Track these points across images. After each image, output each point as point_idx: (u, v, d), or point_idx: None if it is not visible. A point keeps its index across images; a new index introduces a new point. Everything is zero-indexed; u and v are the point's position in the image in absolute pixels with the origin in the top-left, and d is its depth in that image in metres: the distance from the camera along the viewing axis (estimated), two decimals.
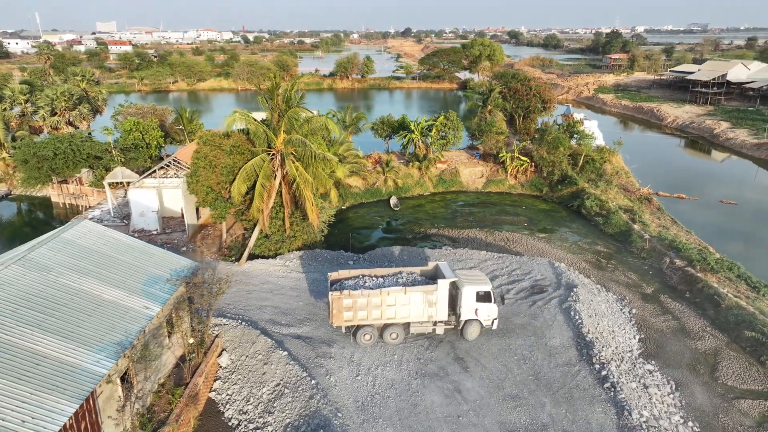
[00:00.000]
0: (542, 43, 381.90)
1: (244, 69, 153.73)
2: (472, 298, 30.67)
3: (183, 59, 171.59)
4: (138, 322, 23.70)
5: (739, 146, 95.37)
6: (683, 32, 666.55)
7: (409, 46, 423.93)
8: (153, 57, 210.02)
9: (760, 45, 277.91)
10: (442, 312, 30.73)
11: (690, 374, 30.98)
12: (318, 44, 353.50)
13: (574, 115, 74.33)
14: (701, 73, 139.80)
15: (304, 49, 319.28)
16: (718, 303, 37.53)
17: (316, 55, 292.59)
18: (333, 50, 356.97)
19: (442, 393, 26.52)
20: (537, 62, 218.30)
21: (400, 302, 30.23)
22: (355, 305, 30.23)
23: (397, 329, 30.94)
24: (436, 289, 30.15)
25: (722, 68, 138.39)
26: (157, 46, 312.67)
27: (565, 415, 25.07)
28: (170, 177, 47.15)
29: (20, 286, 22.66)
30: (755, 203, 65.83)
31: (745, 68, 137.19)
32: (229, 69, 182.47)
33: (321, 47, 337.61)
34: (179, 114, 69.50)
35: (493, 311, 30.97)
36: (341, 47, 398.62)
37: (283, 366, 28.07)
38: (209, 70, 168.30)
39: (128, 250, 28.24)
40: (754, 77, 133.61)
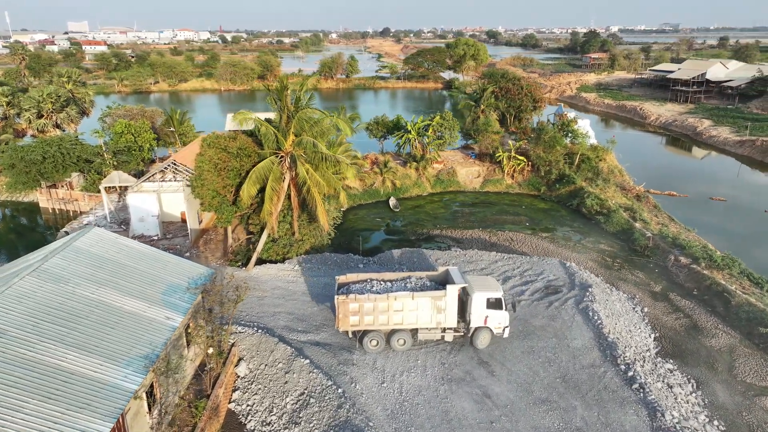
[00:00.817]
0: (521, 43, 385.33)
1: (227, 69, 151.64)
2: (482, 304, 29.76)
3: (164, 59, 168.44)
4: (162, 333, 22.77)
5: (722, 144, 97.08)
6: (656, 32, 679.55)
7: (389, 46, 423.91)
8: (130, 57, 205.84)
9: (732, 44, 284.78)
10: (451, 319, 29.87)
11: (709, 372, 31.10)
12: (298, 44, 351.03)
13: (567, 114, 74.67)
14: (681, 72, 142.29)
15: (284, 49, 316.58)
16: (728, 300, 37.87)
17: (297, 55, 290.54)
18: (313, 50, 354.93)
19: (472, 399, 26.10)
20: (518, 62, 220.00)
21: (408, 308, 29.50)
22: (362, 309, 29.59)
23: (405, 335, 30.11)
24: (445, 294, 29.35)
25: (701, 67, 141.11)
26: (134, 46, 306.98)
27: (598, 418, 24.87)
28: (169, 180, 45.83)
29: (38, 298, 21.57)
30: (743, 199, 66.74)
31: (723, 67, 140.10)
32: (210, 69, 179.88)
33: (301, 47, 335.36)
34: (169, 115, 67.93)
35: (504, 319, 29.96)
36: (321, 47, 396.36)
37: (306, 374, 27.34)
38: (191, 71, 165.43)
39: (142, 257, 27.21)
40: (731, 76, 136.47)
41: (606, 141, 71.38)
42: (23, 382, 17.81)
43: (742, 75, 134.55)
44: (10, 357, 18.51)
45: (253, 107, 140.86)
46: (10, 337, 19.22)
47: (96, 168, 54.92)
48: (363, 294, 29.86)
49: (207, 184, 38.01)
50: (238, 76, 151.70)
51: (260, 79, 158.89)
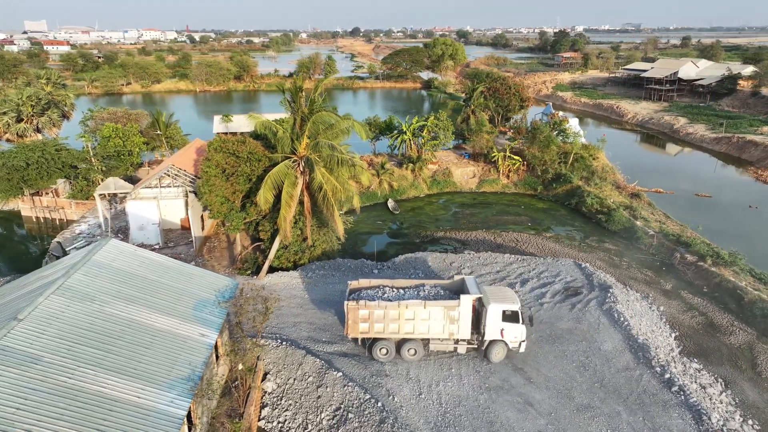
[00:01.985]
0: (491, 43, 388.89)
1: (203, 70, 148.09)
2: (498, 317, 28.39)
3: (136, 60, 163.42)
4: (199, 352, 21.45)
5: (699, 141, 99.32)
6: (619, 32, 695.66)
7: (361, 46, 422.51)
8: (97, 58, 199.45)
9: (694, 44, 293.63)
10: (465, 330, 28.79)
11: (734, 371, 31.27)
12: (269, 44, 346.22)
13: (558, 113, 75.12)
14: (654, 71, 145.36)
15: (255, 49, 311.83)
16: (741, 297, 38.31)
17: (269, 55, 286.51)
18: (284, 50, 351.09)
19: (514, 407, 25.50)
20: (492, 61, 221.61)
21: (420, 317, 28.55)
22: (372, 317, 28.69)
23: (416, 345, 29.05)
24: (459, 305, 28.35)
25: (673, 66, 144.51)
26: (99, 46, 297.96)
27: (644, 423, 24.58)
28: (167, 186, 43.94)
29: (67, 319, 20.01)
30: (727, 195, 68.01)
31: (694, 66, 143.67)
32: (182, 70, 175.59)
33: (272, 47, 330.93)
34: (155, 118, 65.51)
35: (520, 333, 28.56)
36: (291, 47, 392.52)
37: (341, 388, 26.29)
38: (165, 72, 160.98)
39: (166, 270, 25.74)
40: (702, 74, 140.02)
41: (596, 140, 72.03)
42: (67, 414, 16.36)
43: (712, 74, 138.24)
44: (50, 386, 17.01)
45: (230, 108, 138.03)
46: (46, 363, 17.70)
47: (83, 174, 52.43)
48: (373, 301, 28.95)
49: (215, 190, 36.54)
50: (213, 77, 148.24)
51: (236, 80, 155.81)
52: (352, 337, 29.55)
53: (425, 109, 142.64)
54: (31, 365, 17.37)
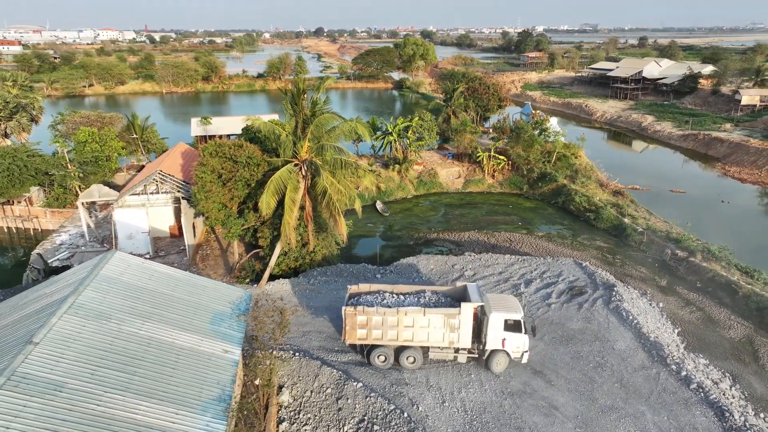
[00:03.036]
0: (455, 43, 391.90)
1: (169, 71, 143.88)
2: (499, 326, 27.51)
3: (98, 61, 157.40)
4: (226, 370, 20.36)
5: (667, 138, 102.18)
6: (578, 32, 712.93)
7: (325, 46, 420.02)
8: (54, 58, 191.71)
9: (650, 43, 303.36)
10: (465, 339, 28.07)
11: (738, 364, 31.91)
12: (233, 44, 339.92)
13: (539, 112, 75.89)
14: (620, 70, 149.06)
15: (218, 49, 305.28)
16: (735, 291, 39.21)
17: (233, 56, 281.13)
18: (248, 50, 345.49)
19: (540, 412, 25.25)
20: (459, 61, 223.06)
21: (419, 324, 27.89)
22: (370, 323, 28.05)
23: (415, 353, 28.36)
24: (459, 312, 27.66)
25: (638, 65, 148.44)
26: (53, 46, 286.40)
27: (669, 422, 24.68)
28: (153, 193, 42.14)
29: (85, 340, 18.66)
30: (699, 191, 69.86)
31: (657, 65, 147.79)
32: (145, 71, 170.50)
33: (236, 47, 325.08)
34: (131, 121, 63.03)
35: (523, 343, 27.68)
36: (255, 47, 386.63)
37: (363, 399, 25.52)
38: (129, 73, 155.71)
39: (177, 283, 24.44)
40: (664, 74, 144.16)
41: (576, 138, 73.06)
42: None
43: (673, 73, 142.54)
44: (79, 415, 15.73)
45: (198, 110, 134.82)
46: (71, 390, 16.38)
47: (59, 181, 49.85)
48: (372, 307, 28.30)
49: (212, 196, 35.18)
50: (180, 78, 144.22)
51: (204, 81, 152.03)
52: (349, 343, 28.86)
53: (397, 109, 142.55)
54: (55, 393, 16.04)
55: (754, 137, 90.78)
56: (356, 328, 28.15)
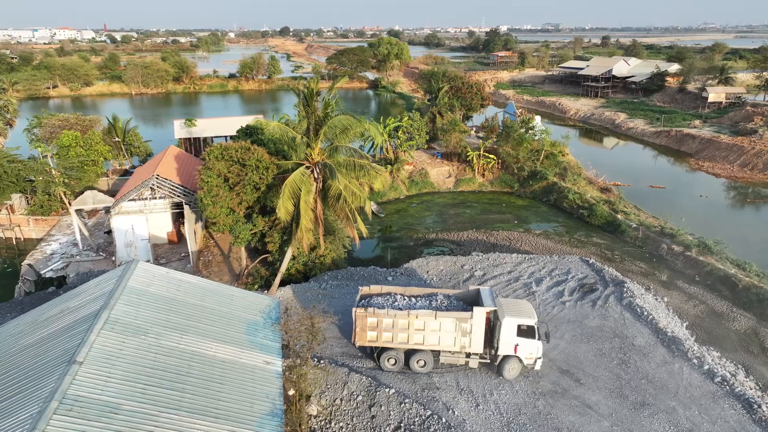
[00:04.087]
0: (423, 42, 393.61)
1: (138, 71, 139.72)
2: (512, 331, 27.03)
3: (62, 61, 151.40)
4: (271, 383, 19.66)
5: (640, 134, 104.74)
6: (540, 31, 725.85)
7: (293, 45, 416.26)
8: (12, 59, 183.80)
9: (612, 42, 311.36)
10: (477, 343, 27.63)
11: (748, 356, 32.69)
12: (198, 44, 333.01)
13: (526, 111, 76.66)
14: (590, 69, 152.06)
15: (183, 48, 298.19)
16: (734, 284, 40.26)
17: (200, 56, 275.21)
18: (214, 50, 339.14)
19: (575, 411, 25.30)
20: (431, 60, 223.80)
21: (430, 327, 27.54)
22: (380, 325, 27.72)
23: (425, 356, 28.01)
24: (471, 317, 27.24)
25: (608, 64, 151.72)
26: (8, 46, 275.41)
27: (701, 416, 25.05)
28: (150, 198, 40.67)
29: (129, 358, 17.71)
30: (678, 186, 71.69)
31: (626, 64, 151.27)
32: (110, 71, 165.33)
33: (202, 47, 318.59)
34: (112, 124, 60.83)
35: (536, 349, 27.18)
36: (221, 47, 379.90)
37: (397, 405, 25.06)
38: (95, 74, 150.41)
39: (205, 293, 23.52)
40: (633, 72, 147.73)
41: (561, 136, 74.11)
42: None
43: (642, 71, 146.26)
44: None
45: (170, 112, 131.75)
46: (127, 412, 15.46)
47: (43, 188, 47.62)
48: (383, 309, 27.94)
49: (220, 201, 34.10)
50: (150, 79, 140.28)
51: (175, 82, 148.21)
52: (359, 345, 28.42)
53: (373, 109, 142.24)
54: (111, 416, 15.11)
55: (723, 133, 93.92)
56: (366, 330, 27.73)
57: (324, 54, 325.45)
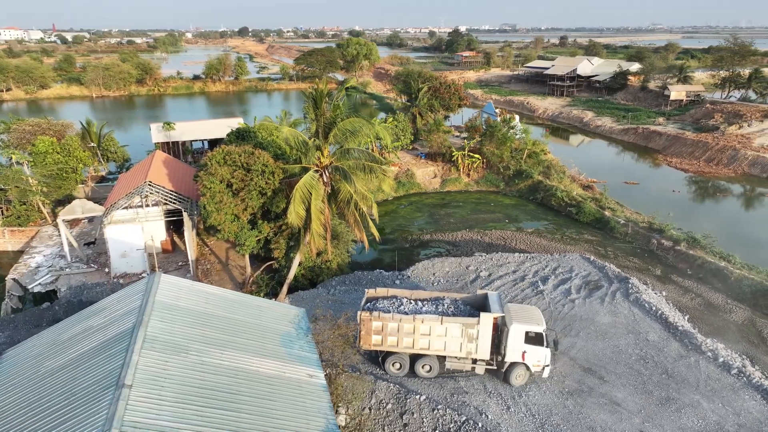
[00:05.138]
0: (386, 42, 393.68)
1: (99, 73, 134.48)
2: (520, 338, 26.53)
3: (16, 62, 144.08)
4: (320, 396, 18.96)
5: (608, 132, 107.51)
6: (498, 31, 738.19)
7: (253, 45, 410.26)
8: None
9: (570, 42, 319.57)
10: (484, 349, 26.79)
11: (750, 347, 33.75)
12: (155, 44, 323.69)
13: (506, 111, 77.44)
14: (556, 68, 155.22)
15: (141, 49, 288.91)
16: (727, 276, 41.58)
17: (158, 57, 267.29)
18: (172, 51, 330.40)
19: (604, 409, 25.47)
20: (396, 60, 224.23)
21: (435, 332, 27.17)
22: (385, 329, 27.27)
23: (431, 362, 27.62)
24: (478, 323, 26.80)
25: (572, 63, 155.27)
26: None
27: (725, 409, 25.61)
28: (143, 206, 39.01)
29: (176, 378, 16.72)
30: (650, 181, 73.80)
31: (589, 63, 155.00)
32: (66, 73, 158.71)
33: (159, 47, 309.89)
34: (86, 129, 58.20)
35: (544, 357, 26.67)
36: (179, 47, 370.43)
37: (430, 412, 24.66)
38: (52, 75, 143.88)
39: (233, 305, 22.55)
40: (596, 71, 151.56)
41: (540, 135, 75.22)
42: None
43: (605, 70, 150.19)
44: None
45: (133, 114, 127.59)
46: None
47: (20, 197, 45.03)
48: (388, 313, 27.57)
49: (224, 207, 32.93)
50: (112, 81, 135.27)
51: (138, 84, 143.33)
52: (364, 349, 27.86)
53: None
54: None
55: (687, 130, 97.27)
56: (371, 333, 27.19)
57: (286, 55, 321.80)
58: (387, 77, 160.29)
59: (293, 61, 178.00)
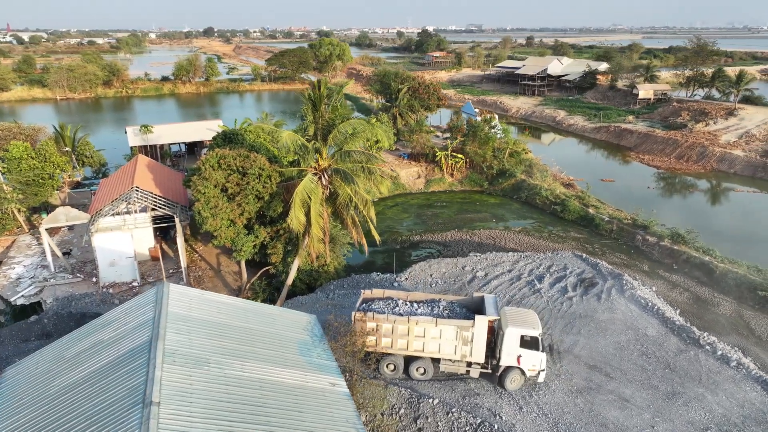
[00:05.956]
0: (355, 43, 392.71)
1: (63, 75, 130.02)
2: (515, 342, 26.25)
3: None
4: (346, 406, 18.59)
5: (581, 130, 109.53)
6: (465, 32, 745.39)
7: (220, 46, 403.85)
8: None
9: (536, 43, 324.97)
10: (478, 353, 26.56)
11: (741, 339, 34.70)
12: (118, 45, 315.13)
13: (487, 110, 78.00)
14: (527, 68, 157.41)
15: (103, 50, 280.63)
16: (712, 270, 42.71)
17: (123, 58, 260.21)
18: (136, 51, 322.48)
19: (614, 406, 25.73)
20: (367, 61, 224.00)
21: (430, 334, 27.00)
22: (380, 330, 27.18)
23: (425, 364, 27.45)
24: (472, 325, 26.55)
25: (543, 63, 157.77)
26: None
27: (729, 401, 26.16)
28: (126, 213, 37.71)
29: (201, 392, 16.12)
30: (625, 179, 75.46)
31: (559, 63, 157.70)
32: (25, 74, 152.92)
33: (123, 48, 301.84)
34: (59, 133, 56.11)
35: (540, 361, 26.34)
36: (143, 48, 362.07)
37: (444, 416, 24.49)
38: (12, 77, 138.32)
39: (245, 313, 21.93)
40: (566, 71, 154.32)
41: (515, 133, 75.99)
42: None
43: (574, 69, 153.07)
44: None
45: (100, 117, 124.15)
46: None
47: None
48: (383, 314, 27.40)
49: (220, 212, 32.07)
50: (78, 83, 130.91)
51: (105, 86, 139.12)
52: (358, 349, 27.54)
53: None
54: None
55: (656, 127, 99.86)
56: (365, 335, 26.88)
57: (254, 55, 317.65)
58: (361, 78, 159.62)
59: (265, 62, 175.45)
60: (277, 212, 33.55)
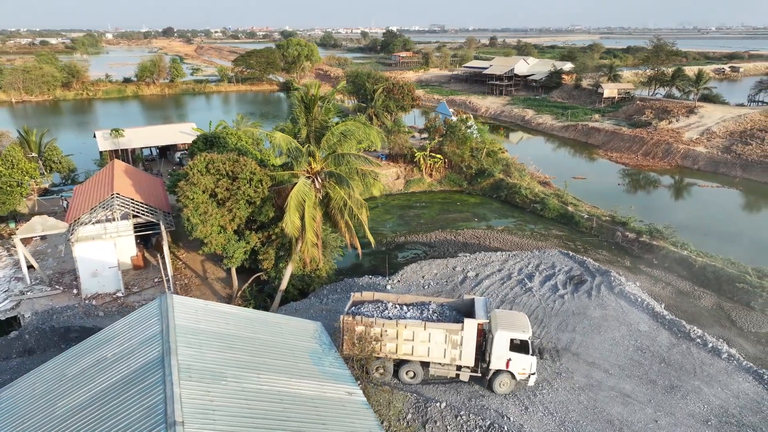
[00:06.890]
0: (320, 43, 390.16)
1: (18, 76, 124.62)
2: (504, 345, 26.07)
3: None
4: (366, 415, 18.21)
5: (550, 129, 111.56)
6: (428, 32, 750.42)
7: (181, 47, 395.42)
8: None
9: (500, 43, 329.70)
10: (468, 356, 26.32)
11: (723, 330, 35.81)
12: (74, 45, 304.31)
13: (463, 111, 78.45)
14: (494, 68, 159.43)
15: (57, 50, 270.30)
16: (691, 264, 43.96)
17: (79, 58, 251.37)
18: (92, 52, 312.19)
19: (617, 401, 26.08)
20: (334, 61, 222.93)
21: (419, 338, 26.78)
22: (368, 334, 26.69)
23: (415, 368, 27.31)
24: (462, 329, 26.31)
25: (509, 63, 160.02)
26: None
27: (724, 392, 26.86)
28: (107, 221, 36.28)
29: (222, 408, 15.52)
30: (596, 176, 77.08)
31: (525, 63, 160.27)
32: None
33: (79, 48, 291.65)
34: (24, 137, 53.66)
35: (529, 365, 26.06)
36: (100, 48, 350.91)
37: (453, 419, 24.34)
38: None
39: (252, 324, 21.26)
40: (532, 71, 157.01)
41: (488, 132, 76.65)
42: None
43: (540, 69, 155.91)
44: None
45: (59, 120, 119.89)
46: None
47: None
48: (371, 317, 27.14)
49: (210, 219, 31.14)
50: (34, 84, 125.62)
51: (64, 88, 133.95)
52: (346, 353, 27.22)
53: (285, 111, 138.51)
54: None
55: (622, 125, 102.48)
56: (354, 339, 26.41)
57: (217, 56, 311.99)
58: (329, 79, 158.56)
59: (232, 63, 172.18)
60: (268, 217, 32.82)
